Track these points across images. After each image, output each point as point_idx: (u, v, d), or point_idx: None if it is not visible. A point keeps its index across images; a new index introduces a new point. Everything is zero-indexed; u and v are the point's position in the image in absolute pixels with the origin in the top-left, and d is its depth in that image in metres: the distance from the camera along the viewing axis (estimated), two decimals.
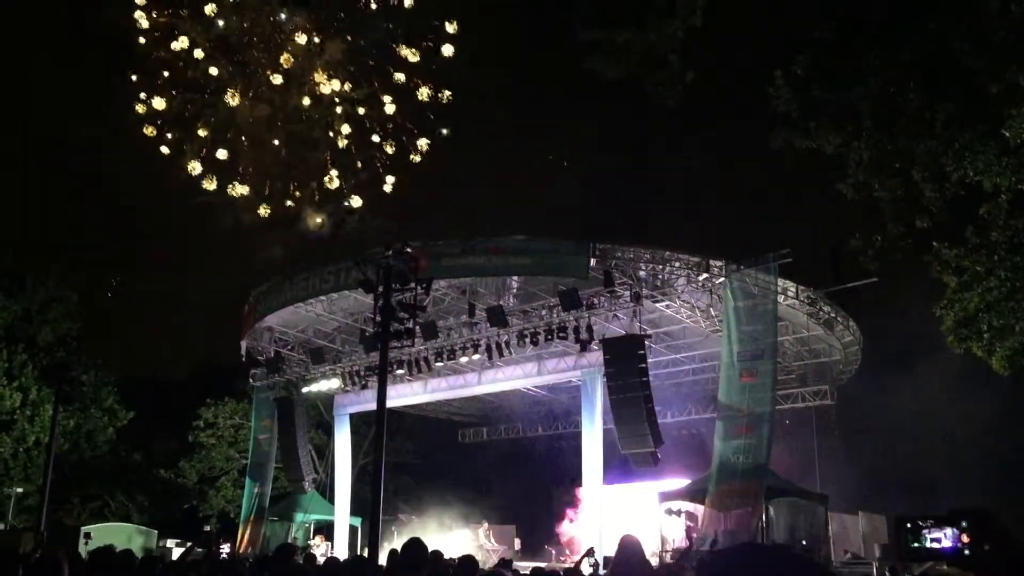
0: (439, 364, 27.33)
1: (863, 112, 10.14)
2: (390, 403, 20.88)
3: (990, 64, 8.99)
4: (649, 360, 22.93)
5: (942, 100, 10.00)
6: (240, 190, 14.95)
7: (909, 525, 20.16)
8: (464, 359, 26.72)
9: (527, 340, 24.56)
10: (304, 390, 31.63)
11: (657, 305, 24.27)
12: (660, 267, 23.19)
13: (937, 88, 9.76)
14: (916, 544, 19.63)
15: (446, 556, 8.54)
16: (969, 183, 11.55)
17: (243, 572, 7.06)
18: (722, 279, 22.17)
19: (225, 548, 28.88)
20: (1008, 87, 9.30)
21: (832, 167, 11.27)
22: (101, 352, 40.08)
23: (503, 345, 25.08)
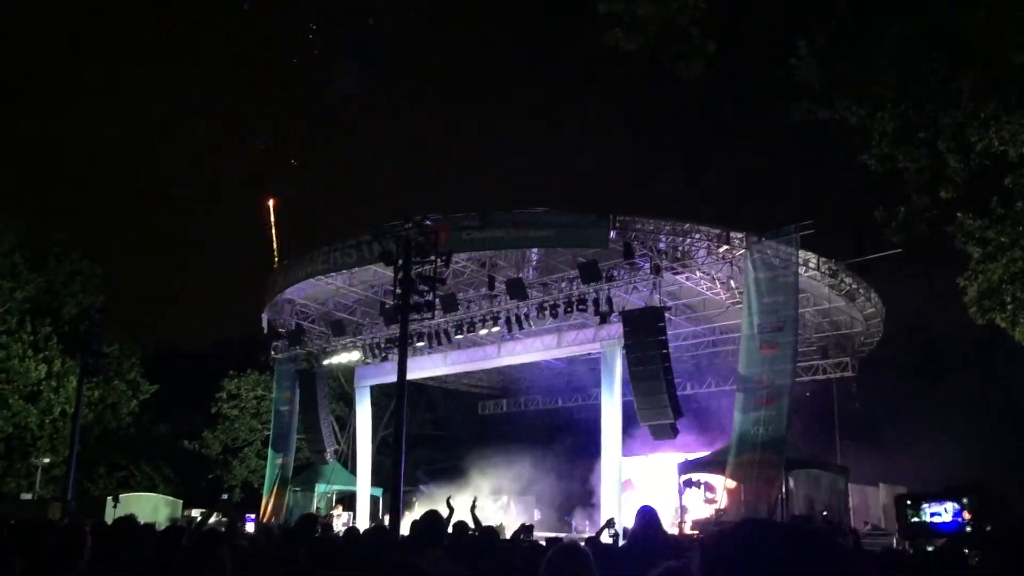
0: (459, 336, 27.41)
1: (887, 83, 10.03)
2: (410, 375, 20.99)
3: (1014, 35, 8.87)
4: (669, 332, 22.91)
5: (966, 70, 9.88)
6: None
7: (909, 501, 20.02)
8: (484, 331, 26.76)
9: (547, 312, 24.58)
10: (325, 362, 31.87)
11: (677, 277, 24.21)
12: (680, 239, 23.08)
13: (961, 59, 9.64)
14: (916, 519, 19.52)
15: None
16: (994, 153, 11.44)
17: (271, 545, 7.15)
18: (743, 251, 22.06)
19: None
20: None
21: (855, 138, 11.18)
22: (125, 325, 40.39)
23: (523, 317, 25.11)
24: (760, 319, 21.27)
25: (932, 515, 18.71)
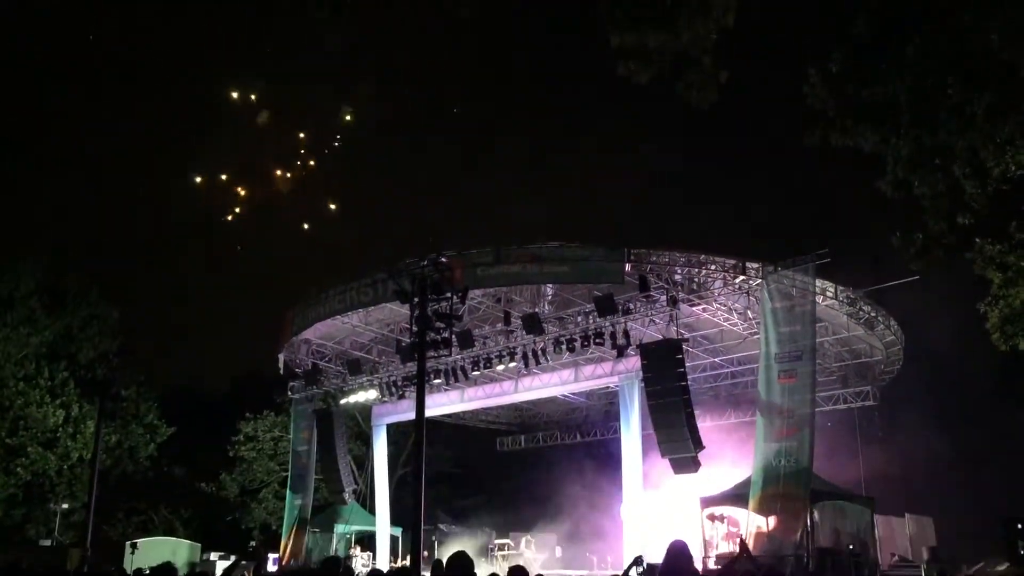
0: (476, 373, 27.28)
1: (901, 107, 9.97)
2: (428, 412, 20.85)
3: None
4: (687, 364, 22.76)
5: (982, 93, 9.81)
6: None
7: (1021, 526, 19.92)
8: (500, 367, 26.69)
9: (563, 347, 24.48)
10: (342, 401, 31.80)
11: (694, 309, 24.09)
12: (696, 270, 23.01)
13: (976, 81, 9.58)
14: None
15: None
16: (1011, 178, 11.34)
17: None
18: (759, 281, 21.95)
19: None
20: None
21: (870, 165, 11.10)
22: (141, 368, 40.44)
23: (539, 352, 25.00)
24: (778, 348, 21.11)
25: None
